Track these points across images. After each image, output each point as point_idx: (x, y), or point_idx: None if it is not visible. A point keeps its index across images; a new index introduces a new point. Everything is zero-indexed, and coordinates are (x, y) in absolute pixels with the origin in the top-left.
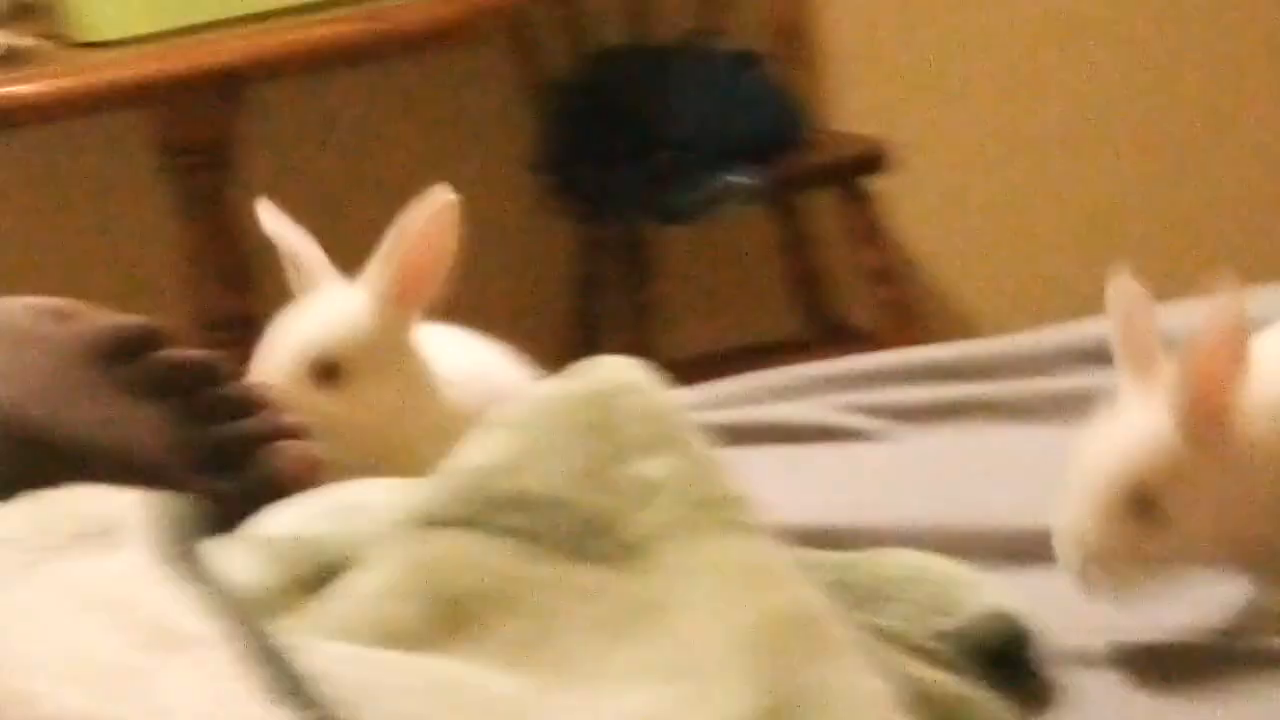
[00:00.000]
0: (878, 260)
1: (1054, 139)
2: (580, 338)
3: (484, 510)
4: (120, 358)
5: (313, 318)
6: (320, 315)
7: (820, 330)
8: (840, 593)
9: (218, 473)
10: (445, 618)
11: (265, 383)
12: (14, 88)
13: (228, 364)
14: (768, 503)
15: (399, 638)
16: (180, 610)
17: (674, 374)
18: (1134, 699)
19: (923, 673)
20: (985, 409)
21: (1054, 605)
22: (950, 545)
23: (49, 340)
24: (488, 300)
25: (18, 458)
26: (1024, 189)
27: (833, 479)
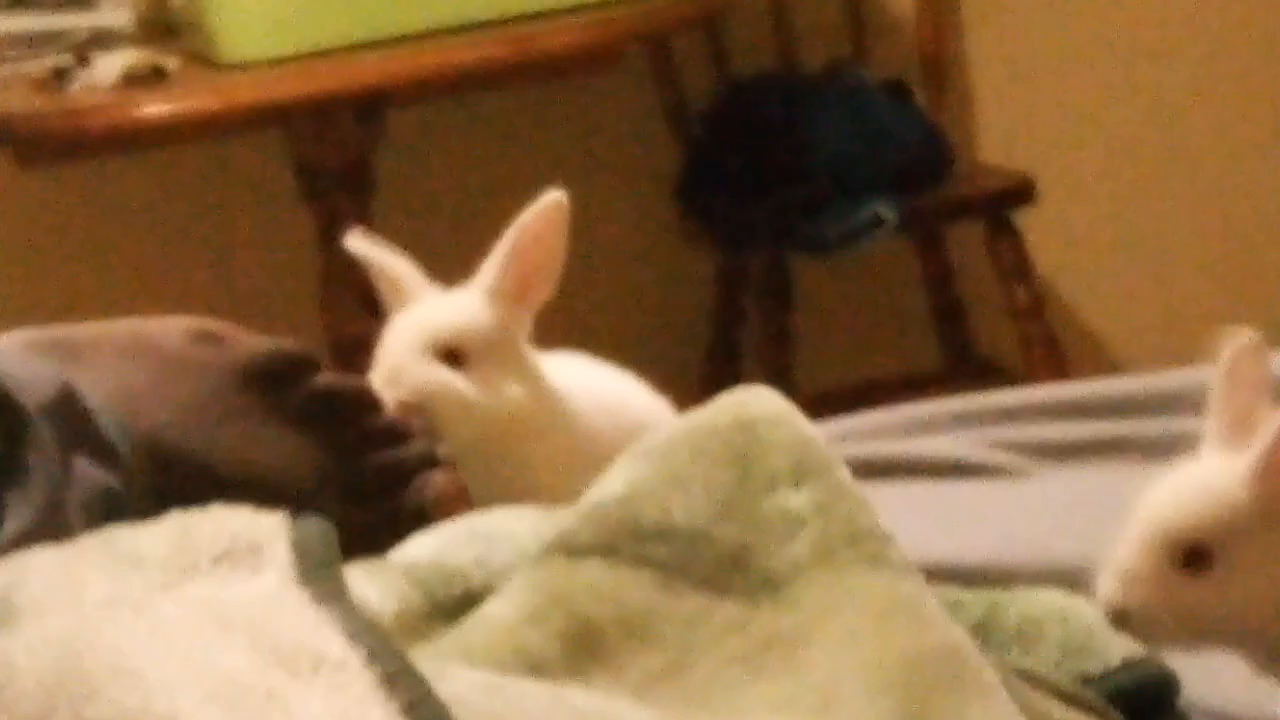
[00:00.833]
0: (1021, 294)
1: (1201, 173)
2: (720, 368)
3: (625, 540)
4: (274, 384)
5: (436, 310)
6: (440, 308)
7: (962, 364)
8: (984, 632)
9: (366, 502)
10: (583, 648)
11: (396, 367)
12: (156, 108)
13: (375, 393)
14: (907, 539)
15: (536, 666)
16: (320, 634)
17: (814, 406)
18: None
19: (1065, 715)
20: (1127, 447)
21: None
22: (1092, 586)
23: (202, 364)
24: (627, 328)
25: (168, 481)
26: (1169, 223)
27: (972, 516)
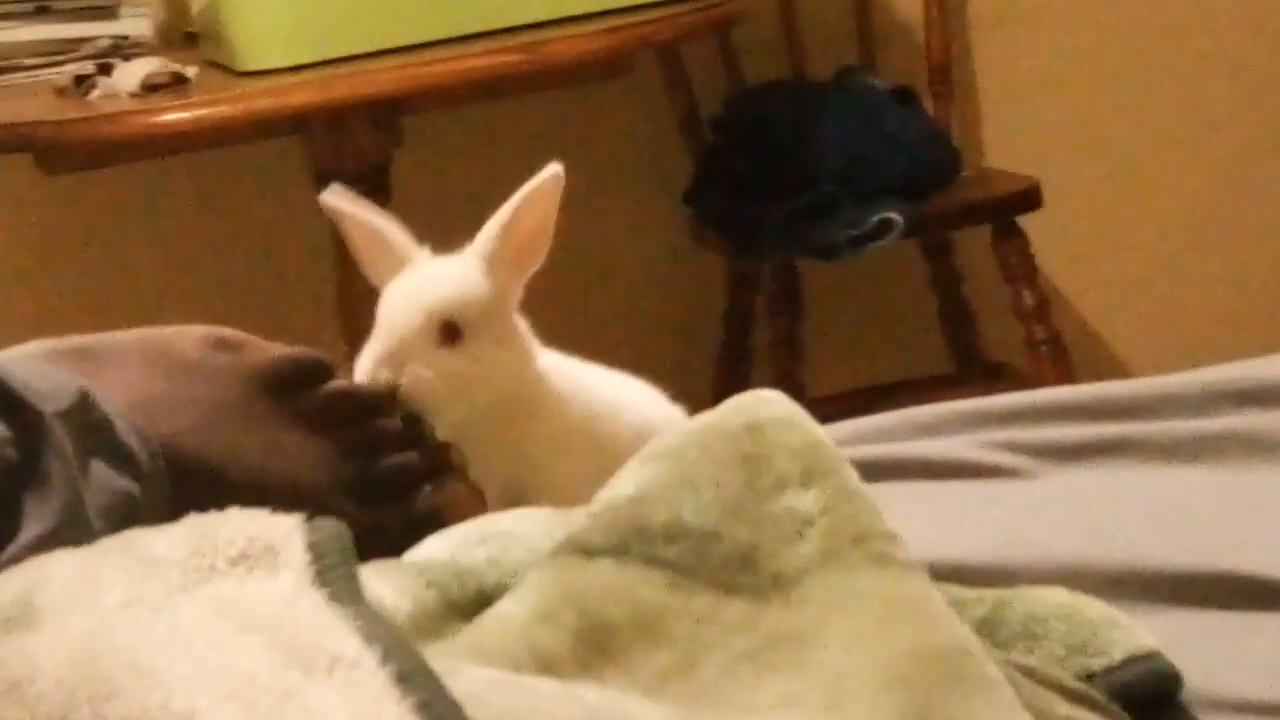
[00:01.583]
0: (1029, 297)
1: (1205, 177)
2: (730, 371)
3: (636, 541)
4: (288, 390)
5: (432, 282)
6: (439, 279)
7: (969, 367)
8: (990, 630)
9: (380, 505)
10: (595, 646)
11: (396, 339)
12: (176, 115)
13: (390, 397)
14: (913, 539)
15: (549, 665)
16: (336, 633)
17: (823, 408)
18: None
19: (1070, 713)
20: (1133, 449)
21: (1202, 648)
22: (1097, 586)
23: (218, 371)
24: (638, 332)
25: (185, 486)
26: (1174, 227)
27: (979, 517)
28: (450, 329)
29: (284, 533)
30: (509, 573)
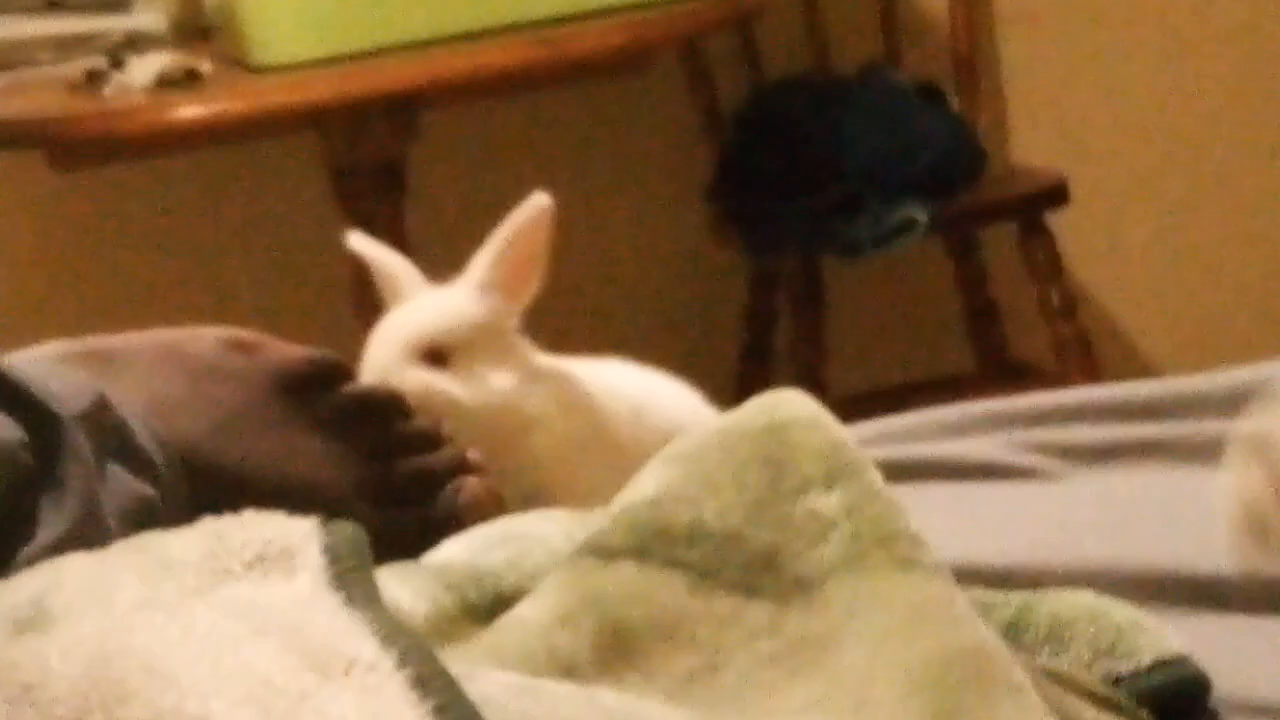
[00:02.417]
0: (1055, 296)
1: (1235, 174)
2: (752, 371)
3: (657, 543)
4: (306, 392)
5: (421, 309)
6: (428, 307)
7: (995, 366)
8: (1015, 633)
9: (399, 508)
10: (615, 650)
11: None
12: (189, 110)
13: (406, 400)
14: (938, 541)
15: (567, 668)
16: (352, 636)
17: (846, 408)
18: None
19: (1097, 717)
20: (1162, 450)
21: (1230, 652)
22: (1123, 588)
23: (235, 373)
24: (660, 331)
25: (202, 490)
26: (1203, 225)
27: (1004, 518)
28: (436, 353)
29: (300, 535)
30: (528, 575)
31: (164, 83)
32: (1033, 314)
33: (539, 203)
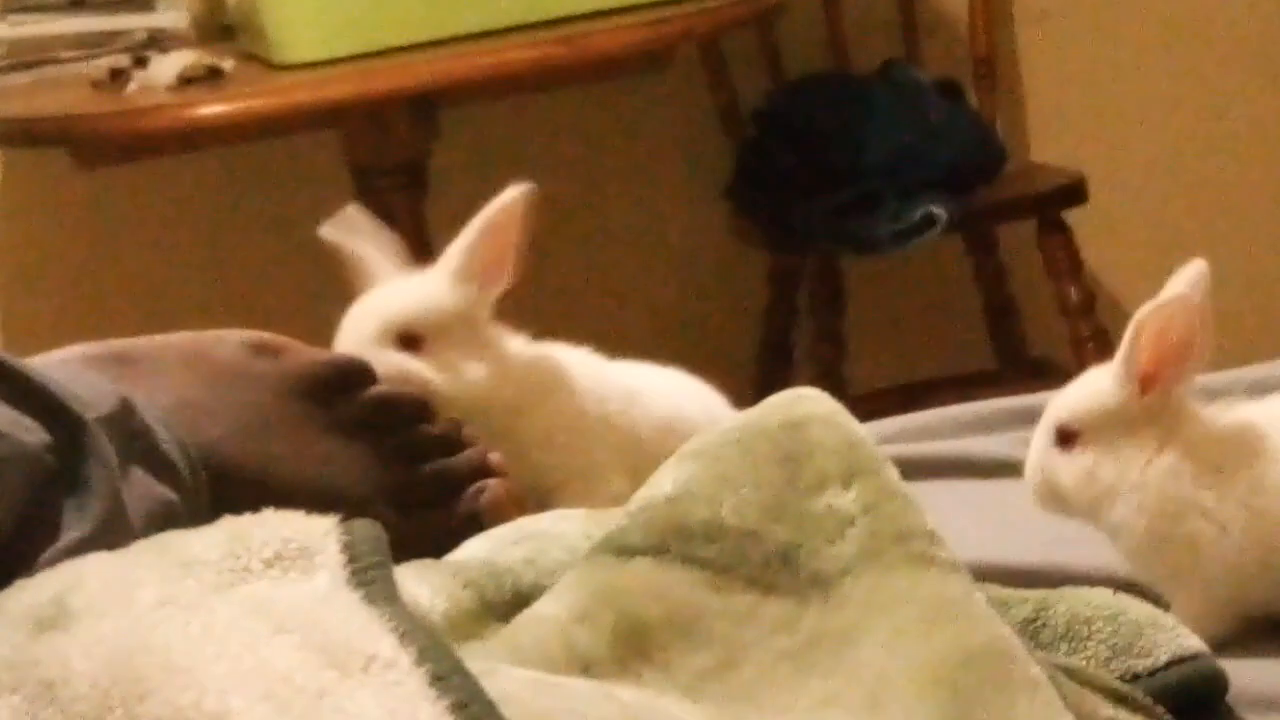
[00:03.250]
0: (1074, 294)
1: (1252, 171)
2: (771, 368)
3: (675, 540)
4: (328, 394)
5: (395, 293)
6: (398, 292)
7: (1013, 364)
8: (1033, 631)
9: (420, 510)
10: (633, 646)
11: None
12: (212, 108)
13: (428, 403)
14: (956, 538)
15: (585, 665)
16: (371, 633)
17: (865, 405)
18: None
19: (1113, 714)
20: None
21: (1249, 649)
22: (1139, 586)
23: (259, 375)
24: (679, 328)
25: (225, 492)
26: (1221, 222)
27: (1022, 516)
28: (409, 338)
29: (320, 534)
30: (546, 572)
31: (187, 80)
32: (1051, 311)
33: (515, 191)
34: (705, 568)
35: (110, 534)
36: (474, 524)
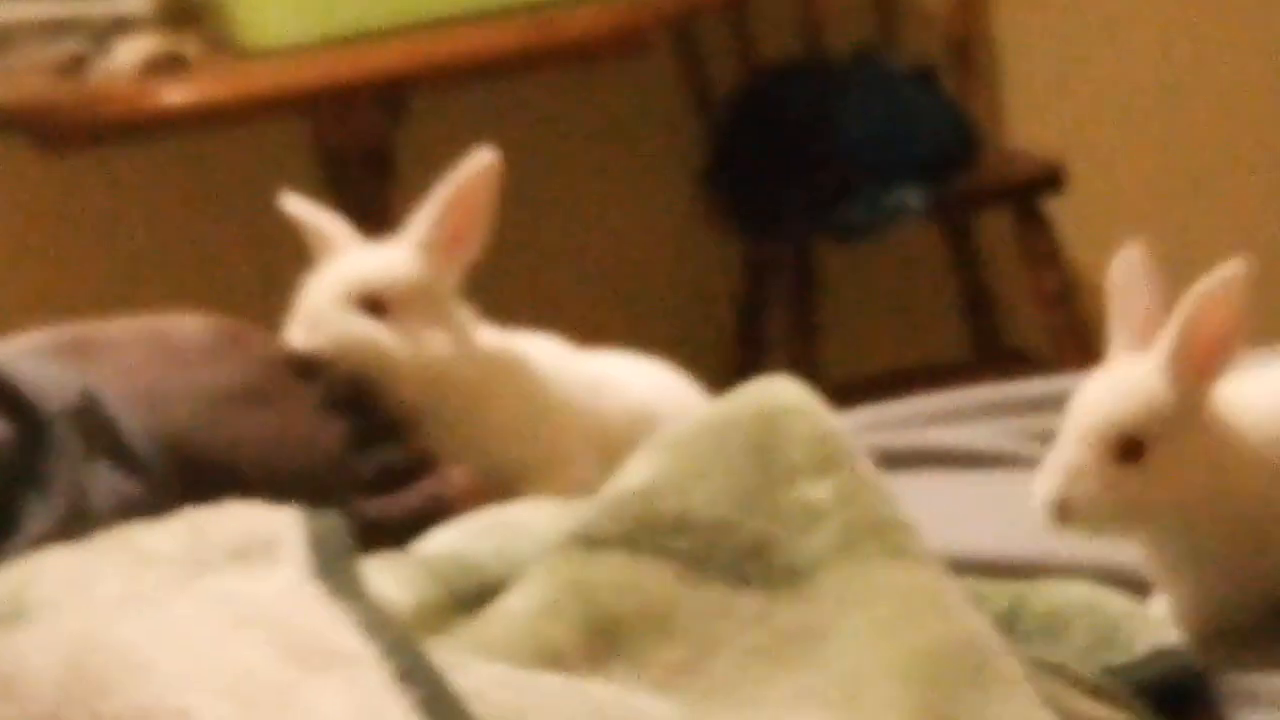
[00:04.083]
0: (1051, 282)
1: (1234, 159)
2: (744, 356)
3: (645, 532)
4: (291, 380)
5: (354, 261)
6: (362, 259)
7: (990, 353)
8: (1009, 624)
9: (384, 495)
10: (602, 640)
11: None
12: (176, 95)
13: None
14: (931, 530)
15: (554, 659)
16: (336, 628)
17: (840, 394)
18: None
19: (1091, 708)
20: None
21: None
22: (1118, 578)
23: (219, 361)
24: (652, 316)
25: (190, 480)
26: (1201, 211)
27: (998, 507)
28: (374, 304)
29: (283, 526)
30: (514, 565)
31: (150, 67)
32: (1029, 300)
33: (485, 159)
34: (676, 560)
35: (73, 529)
36: (441, 509)
